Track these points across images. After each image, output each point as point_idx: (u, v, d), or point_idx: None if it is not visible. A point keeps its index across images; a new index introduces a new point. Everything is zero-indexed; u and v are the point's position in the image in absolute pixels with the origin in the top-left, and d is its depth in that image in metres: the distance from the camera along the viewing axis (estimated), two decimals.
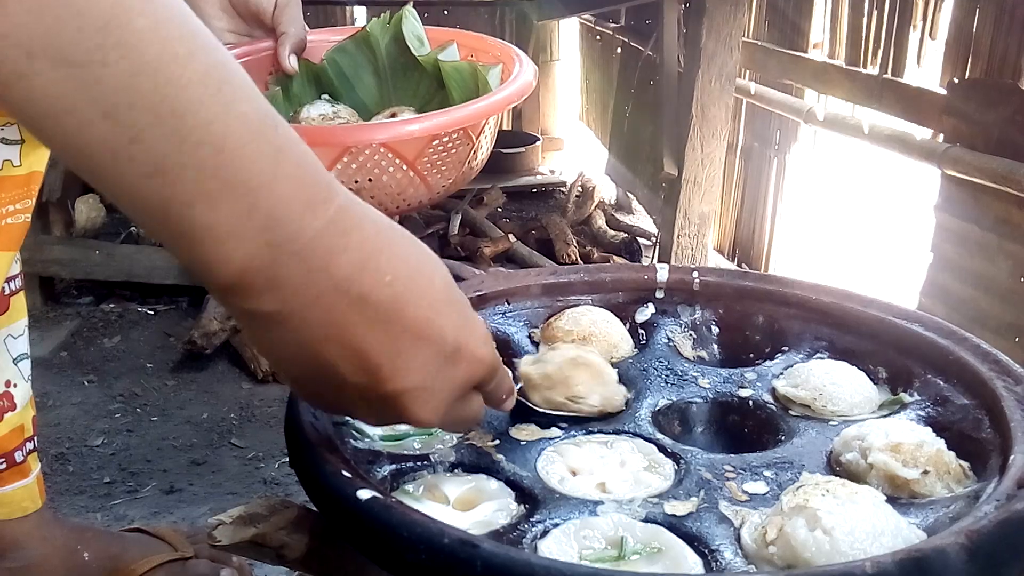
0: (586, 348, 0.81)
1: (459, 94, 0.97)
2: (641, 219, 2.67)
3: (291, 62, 0.95)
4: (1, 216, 0.76)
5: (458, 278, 0.95)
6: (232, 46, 0.93)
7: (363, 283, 0.46)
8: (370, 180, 0.75)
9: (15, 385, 0.87)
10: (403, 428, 0.75)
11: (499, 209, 2.55)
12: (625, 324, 0.91)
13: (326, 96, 1.01)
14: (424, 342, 0.49)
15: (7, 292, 0.85)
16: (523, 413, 0.75)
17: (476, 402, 0.59)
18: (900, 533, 0.54)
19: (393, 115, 0.97)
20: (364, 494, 0.54)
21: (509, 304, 0.92)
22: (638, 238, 2.37)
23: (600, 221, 2.44)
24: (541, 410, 0.75)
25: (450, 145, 0.82)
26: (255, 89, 0.43)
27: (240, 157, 0.41)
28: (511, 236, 2.08)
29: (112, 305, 1.97)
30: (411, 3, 1.04)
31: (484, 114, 0.85)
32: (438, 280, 0.51)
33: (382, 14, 1.04)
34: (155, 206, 0.41)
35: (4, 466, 0.87)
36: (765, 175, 2.23)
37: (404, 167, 0.77)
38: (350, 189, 0.70)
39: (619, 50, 2.90)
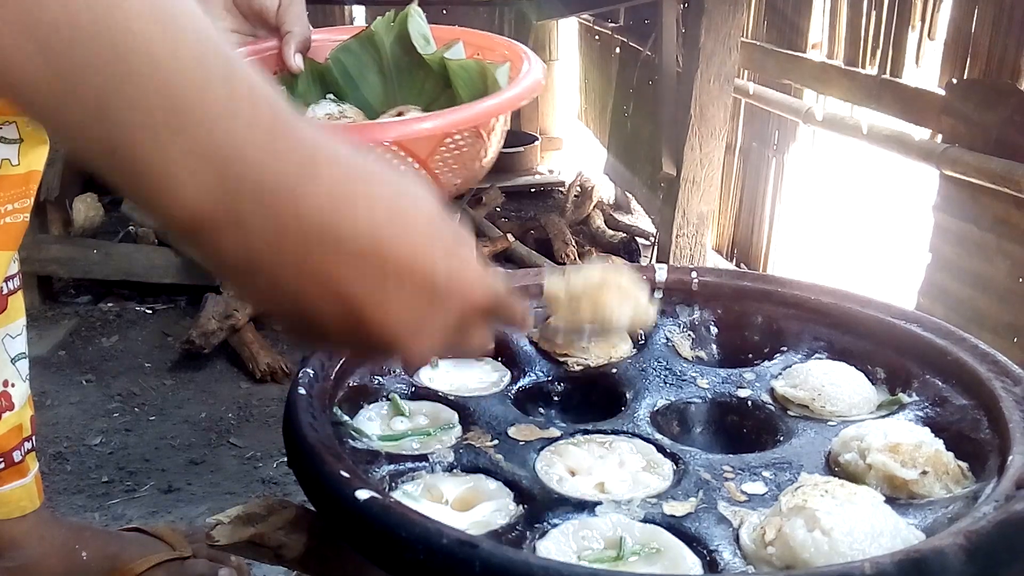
0: (615, 269, 0.82)
1: (466, 93, 0.96)
2: (639, 219, 2.67)
3: (296, 61, 0.95)
4: (1, 216, 0.77)
5: None
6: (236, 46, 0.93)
7: (337, 221, 0.42)
8: None
9: (13, 385, 0.87)
10: (401, 428, 0.75)
11: (497, 209, 2.55)
12: None
13: (331, 96, 1.01)
14: (409, 282, 0.45)
15: (5, 292, 0.85)
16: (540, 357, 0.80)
17: (479, 333, 0.54)
18: (899, 534, 0.54)
19: (399, 114, 0.95)
20: (362, 494, 0.54)
21: None
22: (636, 238, 2.37)
23: (599, 221, 2.45)
24: (560, 355, 0.81)
25: (462, 143, 0.80)
26: (210, 27, 0.40)
27: (191, 93, 0.39)
28: (509, 236, 2.08)
29: (110, 304, 1.97)
30: (416, 2, 1.03)
31: (497, 111, 0.83)
32: (422, 215, 0.46)
33: (387, 13, 1.03)
34: (101, 145, 0.39)
35: (2, 466, 0.87)
36: (763, 175, 2.23)
37: (416, 166, 0.75)
38: None
39: (618, 50, 2.90)
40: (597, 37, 3.26)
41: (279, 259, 0.42)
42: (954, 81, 1.51)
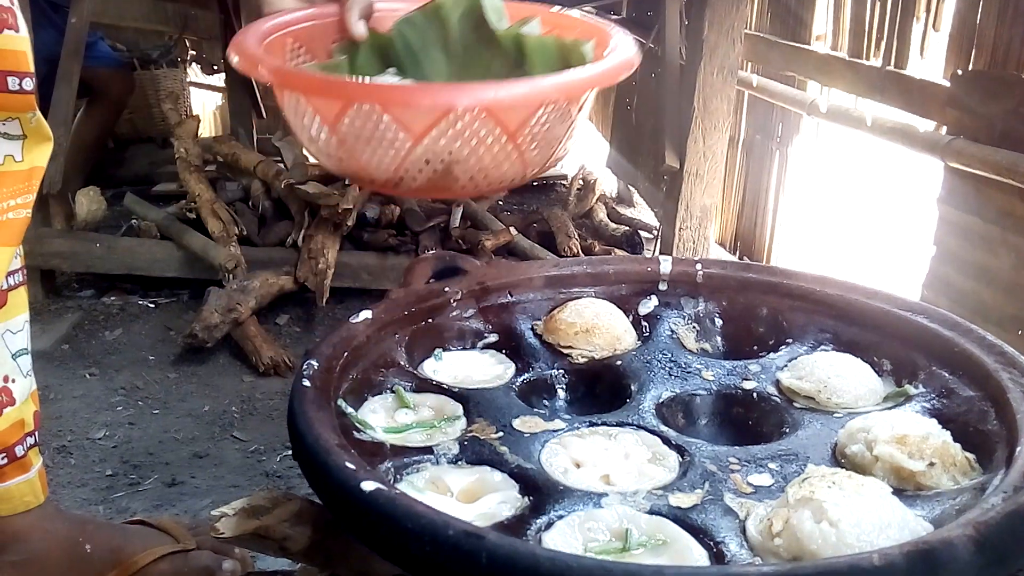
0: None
1: (544, 71, 0.87)
2: (642, 212, 2.66)
3: (359, 27, 0.88)
4: (2, 211, 0.76)
5: (459, 270, 0.95)
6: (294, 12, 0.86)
7: None
8: (467, 151, 0.64)
9: (13, 380, 0.86)
10: (406, 420, 0.75)
11: (500, 202, 2.54)
12: (628, 316, 0.90)
13: (393, 70, 0.93)
14: None
15: (6, 287, 0.85)
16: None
17: None
18: (907, 525, 0.54)
19: None
20: (368, 486, 0.54)
21: (512, 296, 0.92)
22: (639, 231, 2.36)
23: (601, 214, 2.44)
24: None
25: (554, 117, 0.72)
26: None
27: None
28: (512, 229, 2.08)
29: (113, 298, 1.97)
30: None
31: (599, 82, 0.76)
32: None
33: None
34: None
35: (5, 461, 0.86)
36: (767, 168, 2.22)
37: (504, 139, 0.67)
38: (440, 163, 0.63)
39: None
40: None
41: None
42: (959, 72, 1.50)
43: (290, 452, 1.35)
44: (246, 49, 0.69)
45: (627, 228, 2.35)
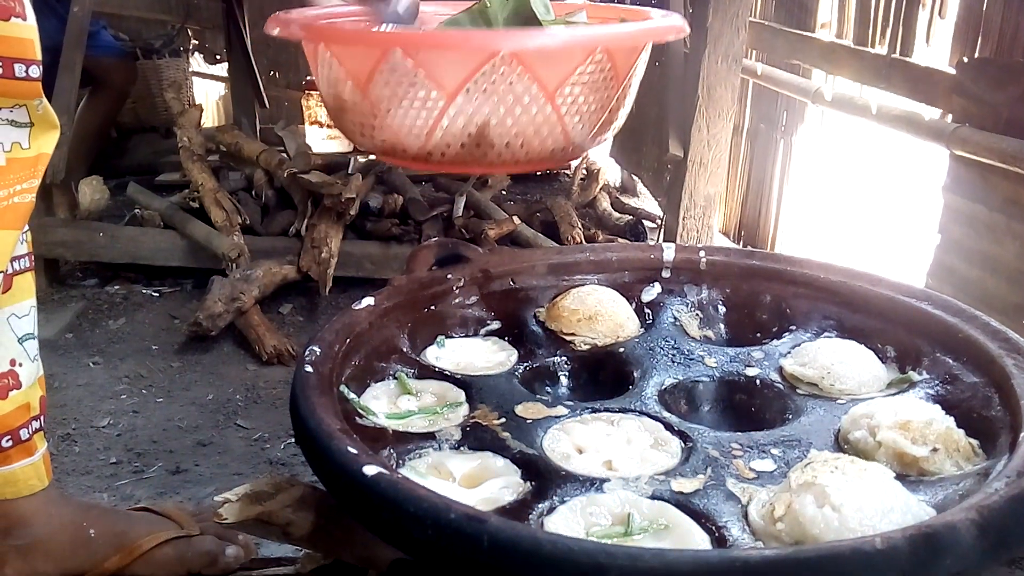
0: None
1: None
2: (646, 202, 2.66)
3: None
4: (9, 196, 0.77)
5: (462, 257, 0.95)
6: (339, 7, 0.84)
7: None
8: (503, 110, 0.61)
9: (20, 364, 0.87)
10: (408, 407, 0.75)
11: (504, 191, 2.53)
12: (631, 304, 0.90)
13: None
14: None
15: (10, 272, 0.85)
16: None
17: None
18: (910, 510, 0.54)
19: None
20: (370, 470, 0.54)
21: (514, 283, 0.92)
22: (643, 220, 2.36)
23: (605, 203, 2.43)
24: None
25: (596, 77, 0.67)
26: None
27: None
28: (516, 218, 2.07)
29: (117, 287, 1.97)
30: None
31: (642, 37, 0.71)
32: None
33: None
34: None
35: (10, 443, 0.87)
36: (771, 157, 2.21)
37: (542, 98, 0.62)
38: (477, 126, 0.60)
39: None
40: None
41: None
42: (965, 60, 1.49)
43: (293, 440, 1.35)
44: (281, 16, 0.68)
45: (631, 217, 2.35)
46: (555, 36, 0.65)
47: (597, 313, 0.86)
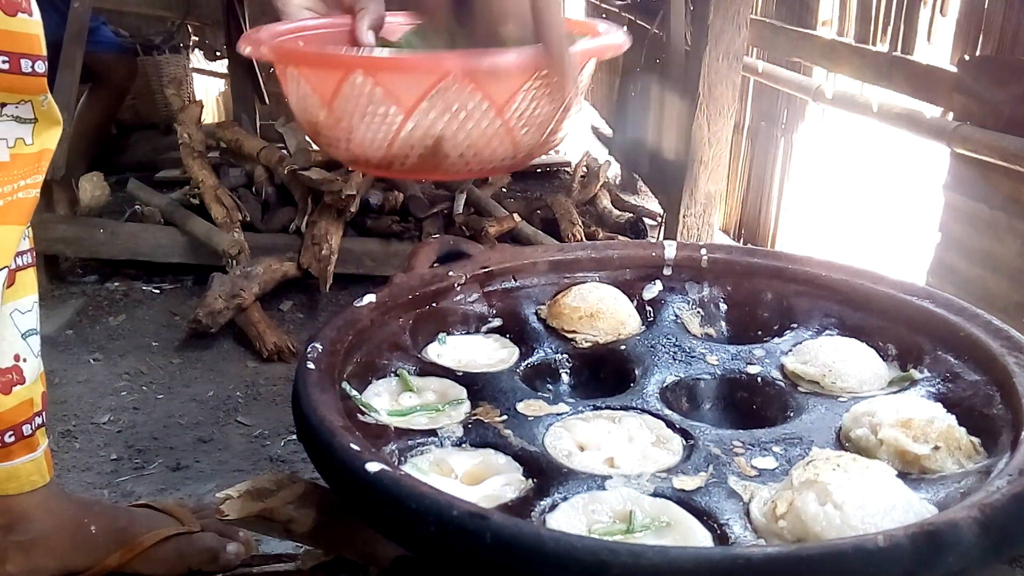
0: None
1: None
2: (646, 199, 2.66)
3: (368, 37, 0.94)
4: (13, 191, 0.77)
5: (463, 254, 0.95)
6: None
7: None
8: (455, 125, 0.66)
9: (24, 360, 0.87)
10: (410, 404, 0.75)
11: (504, 189, 2.53)
12: (632, 301, 0.90)
13: None
14: None
15: (14, 267, 0.85)
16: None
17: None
18: (911, 508, 0.54)
19: None
20: (373, 466, 0.54)
21: (515, 280, 0.92)
22: (643, 218, 2.36)
23: (605, 201, 2.43)
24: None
25: (542, 92, 0.72)
26: None
27: None
28: (516, 216, 2.07)
29: (117, 284, 1.97)
30: None
31: (584, 56, 0.76)
32: None
33: None
34: None
35: (13, 439, 0.87)
36: (772, 155, 2.21)
37: (492, 114, 0.68)
38: (430, 138, 0.67)
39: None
40: (604, 15, 3.23)
41: None
42: (966, 58, 1.49)
43: (294, 437, 1.36)
44: (252, 35, 0.72)
45: (631, 215, 2.35)
46: (502, 57, 0.69)
47: (599, 311, 0.86)
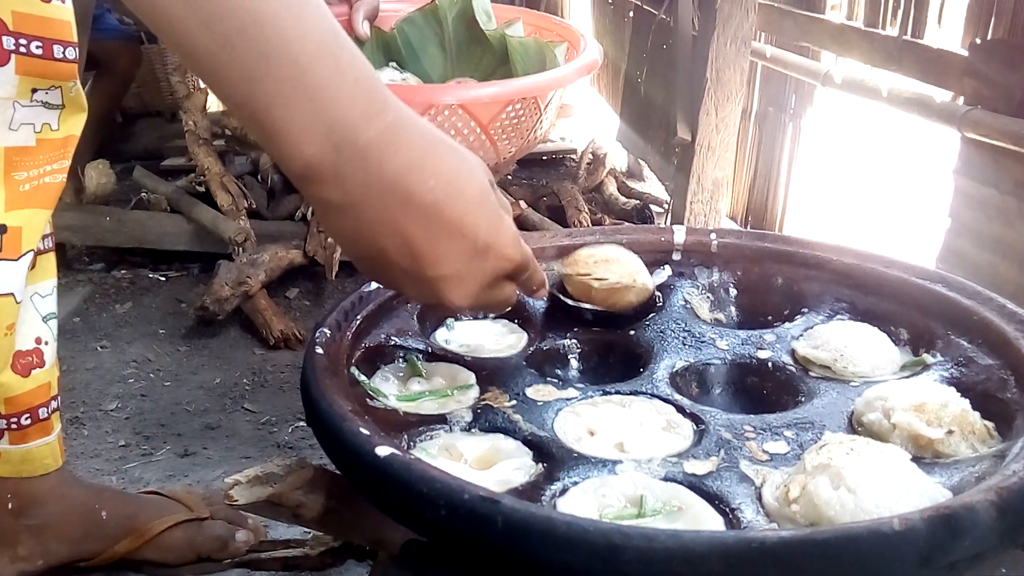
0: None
1: (523, 68, 1.02)
2: (653, 186, 2.64)
3: (364, 28, 1.01)
4: (40, 175, 0.77)
5: None
6: None
7: (409, 183, 0.55)
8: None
9: (46, 343, 0.88)
10: (419, 389, 0.74)
11: (509, 176, 2.52)
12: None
13: (394, 64, 1.04)
14: (459, 237, 0.58)
15: (36, 251, 0.85)
16: (556, 311, 0.85)
17: (506, 290, 0.66)
18: (926, 492, 0.54)
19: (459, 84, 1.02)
20: (383, 451, 0.54)
21: None
22: (650, 205, 2.35)
23: (611, 188, 2.42)
24: (572, 303, 0.84)
25: (521, 113, 0.85)
26: (327, 12, 0.52)
27: (311, 70, 0.51)
28: (522, 203, 2.06)
29: (123, 271, 1.97)
30: None
31: (556, 85, 0.90)
32: (475, 185, 0.59)
33: None
34: (245, 106, 0.52)
35: (29, 421, 0.87)
36: (780, 140, 2.20)
37: (478, 130, 0.81)
38: None
39: (631, 13, 2.85)
40: (610, 1, 3.21)
41: (365, 205, 0.55)
42: (977, 41, 1.47)
43: (301, 423, 1.36)
44: None
45: (638, 202, 2.34)
46: (486, 91, 0.84)
47: (614, 257, 0.84)
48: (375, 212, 0.55)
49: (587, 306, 0.84)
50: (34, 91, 0.74)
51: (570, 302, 0.85)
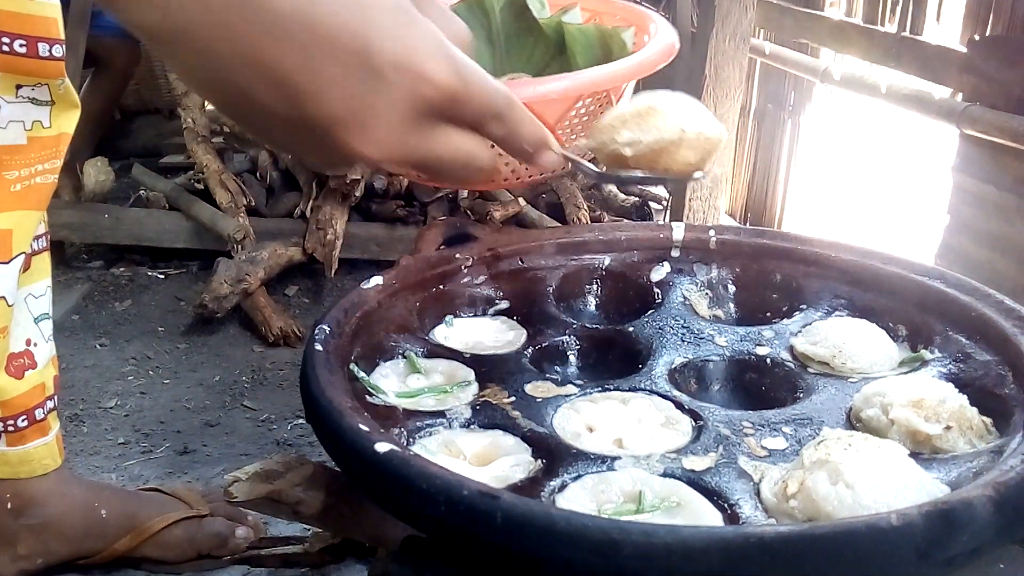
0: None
1: (583, 59, 0.89)
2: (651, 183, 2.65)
3: None
4: (31, 175, 0.77)
5: (470, 236, 0.95)
6: None
7: None
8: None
9: (35, 344, 0.87)
10: (418, 385, 0.74)
11: None
12: (640, 280, 0.90)
13: None
14: (341, 54, 0.41)
15: (30, 252, 0.85)
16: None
17: (451, 138, 0.46)
18: (924, 487, 0.54)
19: None
20: (382, 447, 0.54)
21: (522, 262, 0.91)
22: (649, 202, 2.35)
23: (610, 185, 2.42)
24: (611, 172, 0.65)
25: (593, 109, 0.72)
26: None
27: None
28: (521, 200, 2.06)
29: (122, 269, 1.97)
30: None
31: (634, 73, 0.76)
32: None
33: None
34: None
35: (26, 423, 0.87)
36: (778, 137, 2.20)
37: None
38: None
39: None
40: None
41: (200, 31, 0.40)
42: (976, 38, 1.47)
43: (300, 420, 1.36)
44: None
45: (636, 198, 2.34)
46: (556, 85, 0.70)
47: (650, 108, 0.64)
48: (218, 37, 0.40)
49: (632, 174, 0.64)
50: (19, 87, 0.74)
51: (606, 172, 0.66)
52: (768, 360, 0.78)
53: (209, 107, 2.12)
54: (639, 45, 0.86)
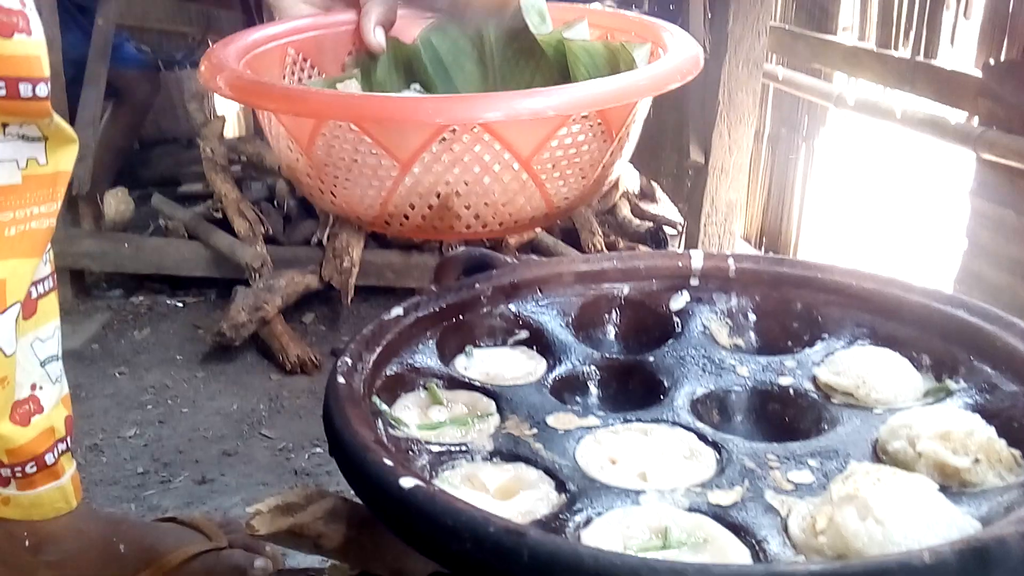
0: None
1: (588, 80, 0.75)
2: (666, 208, 2.65)
3: (377, 37, 0.75)
4: (25, 219, 0.72)
5: (490, 265, 0.95)
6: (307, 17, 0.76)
7: None
8: (466, 183, 0.54)
9: (41, 388, 0.85)
10: (439, 417, 0.74)
11: None
12: (660, 311, 0.90)
13: (416, 86, 0.82)
14: None
15: (35, 296, 0.83)
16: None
17: None
18: (955, 523, 0.53)
19: None
20: (407, 482, 0.54)
21: (541, 292, 0.91)
22: (664, 227, 2.35)
23: (625, 210, 2.43)
24: None
25: (581, 139, 0.58)
26: None
27: None
28: None
29: (142, 298, 1.99)
30: None
31: (635, 92, 0.60)
32: None
33: None
34: None
35: (35, 469, 0.85)
36: (792, 162, 2.20)
37: (515, 166, 0.54)
38: (437, 193, 0.52)
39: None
40: None
41: None
42: (991, 62, 1.47)
43: (318, 449, 1.36)
44: (216, 53, 0.62)
45: (651, 224, 2.34)
46: (519, 105, 0.53)
47: None
48: None
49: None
50: (5, 126, 0.69)
51: None
52: (791, 390, 0.77)
53: (227, 136, 2.15)
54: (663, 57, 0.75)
